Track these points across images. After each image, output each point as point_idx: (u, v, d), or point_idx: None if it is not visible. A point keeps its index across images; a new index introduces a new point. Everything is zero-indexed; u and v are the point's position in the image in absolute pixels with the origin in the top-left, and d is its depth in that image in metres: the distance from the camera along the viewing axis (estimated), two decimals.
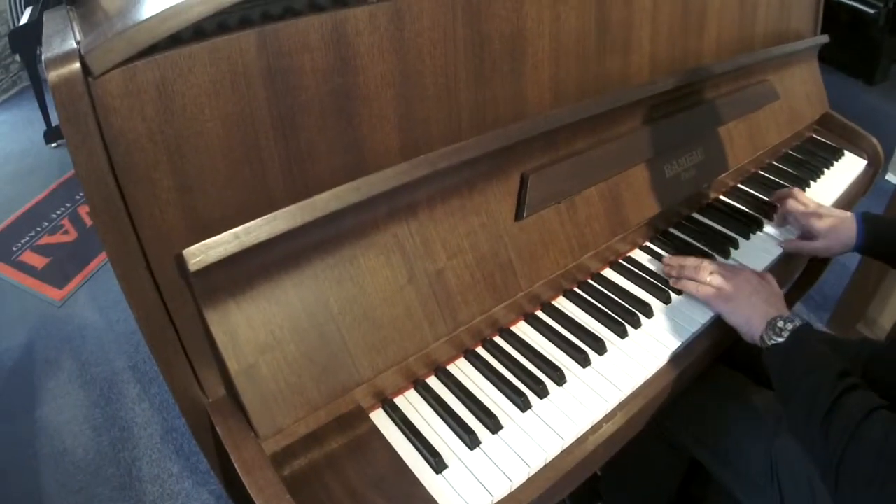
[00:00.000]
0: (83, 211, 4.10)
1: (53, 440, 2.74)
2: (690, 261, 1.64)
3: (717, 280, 1.56)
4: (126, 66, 0.98)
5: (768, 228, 1.92)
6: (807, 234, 1.83)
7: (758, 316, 1.44)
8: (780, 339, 1.37)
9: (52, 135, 4.79)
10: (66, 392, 2.95)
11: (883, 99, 5.28)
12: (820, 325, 3.28)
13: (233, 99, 1.09)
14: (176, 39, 1.02)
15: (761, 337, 1.41)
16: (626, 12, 1.66)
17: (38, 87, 4.71)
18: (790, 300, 2.82)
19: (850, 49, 5.32)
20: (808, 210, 1.83)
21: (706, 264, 1.61)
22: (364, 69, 1.22)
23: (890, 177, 4.20)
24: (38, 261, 3.77)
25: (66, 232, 3.99)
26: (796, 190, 1.94)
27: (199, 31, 1.05)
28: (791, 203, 1.87)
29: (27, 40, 4.39)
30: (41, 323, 3.35)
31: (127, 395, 2.91)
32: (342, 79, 1.19)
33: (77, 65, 0.96)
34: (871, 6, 5.15)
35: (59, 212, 4.16)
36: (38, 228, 4.03)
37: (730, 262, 1.78)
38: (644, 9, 1.71)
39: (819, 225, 1.77)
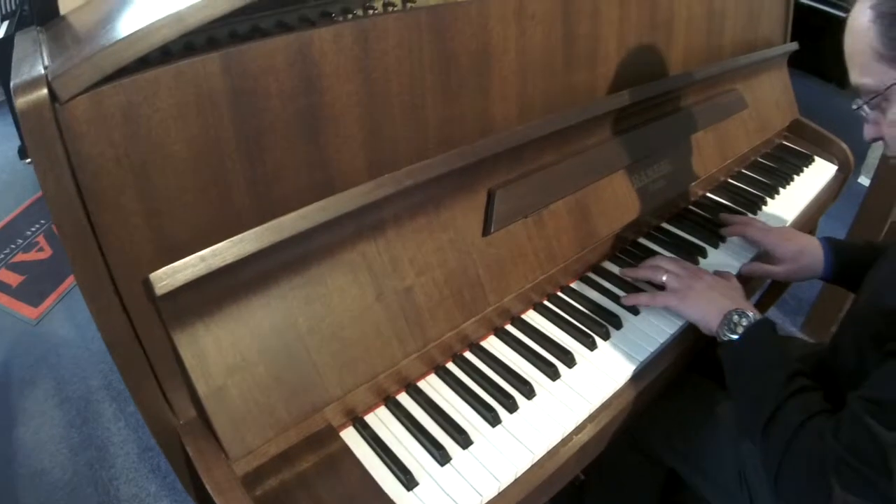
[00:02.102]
0: None
1: (31, 460, 2.72)
2: (646, 262, 1.68)
3: (671, 281, 1.58)
4: (92, 91, 0.98)
5: (736, 237, 1.93)
6: (768, 257, 1.81)
7: (714, 309, 1.46)
8: (734, 336, 1.39)
9: (26, 151, 4.75)
10: (43, 412, 2.93)
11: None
12: (794, 330, 3.30)
13: (198, 121, 1.09)
14: (142, 61, 1.02)
15: (717, 331, 1.43)
16: (592, 25, 1.67)
17: (12, 102, 4.68)
18: (764, 306, 2.84)
19: (822, 53, 5.34)
20: (768, 233, 1.82)
21: (658, 261, 1.65)
22: (330, 89, 1.22)
23: (862, 179, 4.24)
24: (12, 279, 3.74)
25: (40, 249, 3.97)
26: (748, 218, 1.94)
27: (165, 52, 1.05)
28: (750, 231, 1.84)
29: (2, 55, 4.35)
30: (17, 342, 3.33)
31: (103, 413, 2.90)
32: (308, 99, 1.20)
33: (44, 91, 0.96)
34: (843, 10, 5.20)
35: (33, 229, 4.14)
36: (13, 246, 4.00)
37: None
38: (611, 21, 1.72)
39: (783, 250, 1.75)
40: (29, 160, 3.40)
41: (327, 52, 1.20)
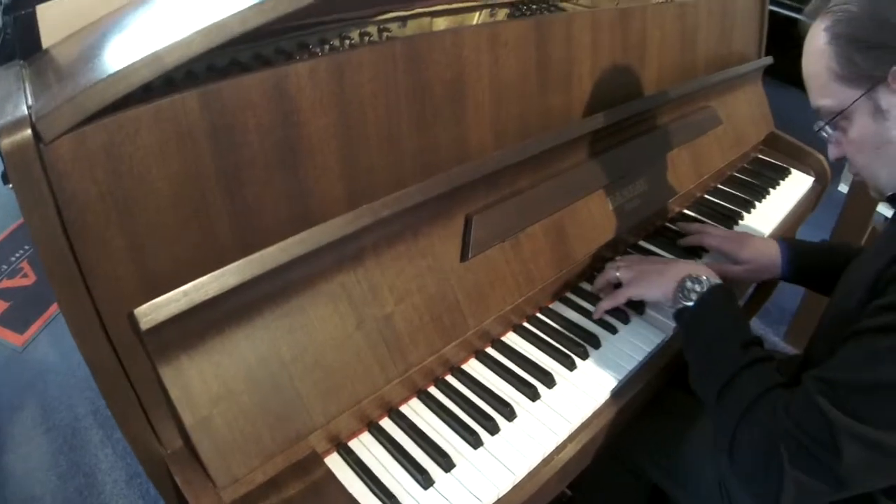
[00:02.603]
0: None
1: (22, 487, 2.72)
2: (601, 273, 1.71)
3: (624, 273, 1.63)
4: (76, 131, 1.01)
5: (713, 252, 1.95)
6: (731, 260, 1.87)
7: (667, 280, 1.51)
8: (689, 303, 1.43)
9: (9, 176, 4.69)
10: (30, 439, 2.93)
11: None
12: (777, 339, 3.32)
13: (179, 158, 1.11)
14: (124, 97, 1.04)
15: (672, 299, 1.48)
16: (565, 50, 1.70)
17: None
18: (746, 316, 2.85)
19: (801, 63, 5.35)
20: (726, 239, 1.88)
21: (609, 264, 1.70)
22: (307, 123, 1.25)
23: (842, 187, 4.25)
24: None
25: (25, 275, 3.96)
26: (705, 226, 1.99)
27: (145, 87, 1.07)
28: (707, 240, 1.91)
29: None
30: (3, 369, 3.32)
31: (90, 440, 2.90)
32: (285, 133, 1.23)
33: (28, 132, 0.98)
34: None
35: (17, 255, 4.12)
36: None
37: None
38: (583, 45, 1.75)
39: (741, 253, 1.82)
40: (11, 185, 3.36)
41: (304, 86, 1.23)
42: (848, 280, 1.40)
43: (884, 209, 3.02)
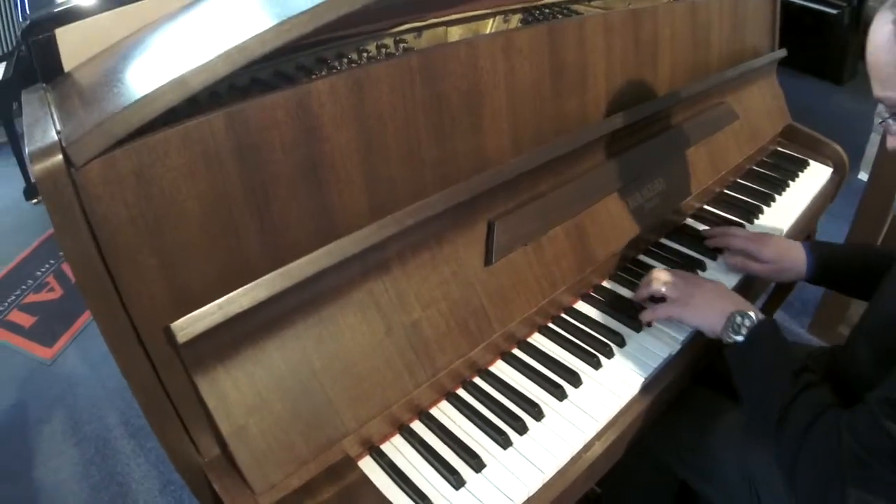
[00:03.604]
0: (68, 267, 4.08)
1: (54, 499, 2.76)
2: (644, 279, 1.70)
3: (671, 291, 1.61)
4: (105, 155, 1.03)
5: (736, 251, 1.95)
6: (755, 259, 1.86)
7: (715, 313, 1.49)
8: (739, 338, 1.43)
9: (32, 192, 4.74)
10: (62, 451, 2.97)
11: (852, 97, 5.35)
12: (801, 331, 3.32)
13: (207, 178, 1.14)
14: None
15: (721, 334, 1.47)
16: (579, 53, 1.72)
17: (15, 144, 4.63)
18: (770, 308, 2.85)
19: (816, 51, 5.36)
20: (750, 240, 1.87)
21: (655, 274, 1.67)
22: (329, 138, 1.27)
23: (862, 175, 4.24)
24: (25, 319, 3.78)
25: (51, 289, 4.01)
26: (729, 228, 1.98)
27: (170, 109, 1.09)
28: (732, 241, 1.89)
29: (2, 97, 4.40)
30: (32, 382, 3.37)
31: (122, 450, 2.94)
32: (309, 149, 1.25)
33: (60, 157, 1.01)
34: (834, 6, 5.23)
35: (43, 269, 4.18)
36: (24, 287, 4.04)
37: None
38: (596, 48, 1.77)
39: (765, 253, 1.81)
40: (35, 201, 3.38)
41: (325, 102, 1.25)
42: (892, 288, 1.40)
43: None
